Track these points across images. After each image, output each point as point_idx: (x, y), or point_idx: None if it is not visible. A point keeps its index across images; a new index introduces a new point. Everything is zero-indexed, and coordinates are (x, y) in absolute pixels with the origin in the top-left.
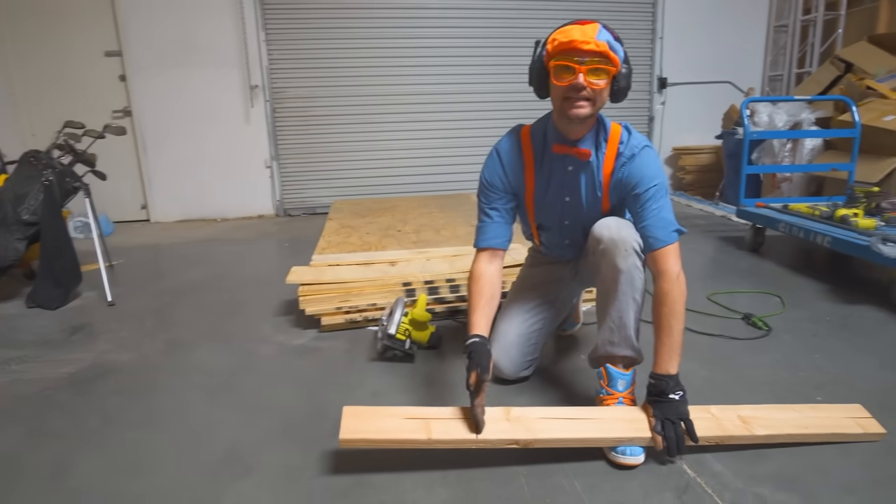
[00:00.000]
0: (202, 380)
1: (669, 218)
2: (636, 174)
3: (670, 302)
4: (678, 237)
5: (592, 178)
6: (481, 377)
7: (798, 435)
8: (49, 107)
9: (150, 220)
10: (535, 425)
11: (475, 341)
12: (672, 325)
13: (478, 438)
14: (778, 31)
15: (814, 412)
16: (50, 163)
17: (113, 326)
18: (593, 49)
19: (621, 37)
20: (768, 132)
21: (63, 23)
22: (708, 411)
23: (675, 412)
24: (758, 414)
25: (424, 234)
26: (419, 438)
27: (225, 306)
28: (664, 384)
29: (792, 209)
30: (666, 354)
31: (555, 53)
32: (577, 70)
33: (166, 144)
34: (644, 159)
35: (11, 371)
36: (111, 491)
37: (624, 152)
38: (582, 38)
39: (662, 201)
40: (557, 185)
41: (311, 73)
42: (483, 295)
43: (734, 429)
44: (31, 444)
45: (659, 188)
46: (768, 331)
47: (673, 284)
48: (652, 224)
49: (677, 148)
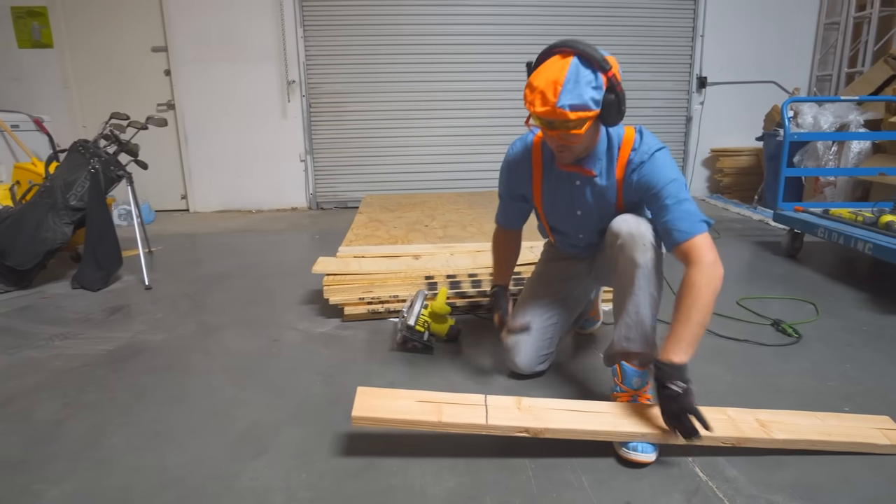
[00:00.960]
0: (229, 362)
1: (693, 209)
2: (650, 178)
3: (695, 290)
4: (707, 228)
5: (602, 190)
6: (502, 318)
7: (819, 442)
8: (99, 99)
9: (189, 209)
10: (546, 415)
11: (496, 290)
12: (691, 314)
13: (488, 424)
14: (828, 28)
15: (838, 420)
16: (96, 152)
17: (149, 308)
18: (554, 118)
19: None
20: (810, 134)
21: (114, 19)
22: (724, 413)
23: (679, 406)
24: (777, 418)
25: (451, 229)
26: (430, 420)
27: (254, 293)
28: (664, 372)
29: (833, 214)
30: (674, 341)
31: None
32: (549, 132)
33: (206, 137)
34: (656, 163)
35: (55, 346)
36: (138, 462)
37: (634, 159)
38: (542, 108)
39: (682, 195)
40: (567, 196)
41: (347, 69)
42: (501, 252)
43: (751, 431)
44: (70, 414)
45: (676, 184)
46: (798, 338)
47: (702, 273)
48: (675, 217)
49: (715, 149)
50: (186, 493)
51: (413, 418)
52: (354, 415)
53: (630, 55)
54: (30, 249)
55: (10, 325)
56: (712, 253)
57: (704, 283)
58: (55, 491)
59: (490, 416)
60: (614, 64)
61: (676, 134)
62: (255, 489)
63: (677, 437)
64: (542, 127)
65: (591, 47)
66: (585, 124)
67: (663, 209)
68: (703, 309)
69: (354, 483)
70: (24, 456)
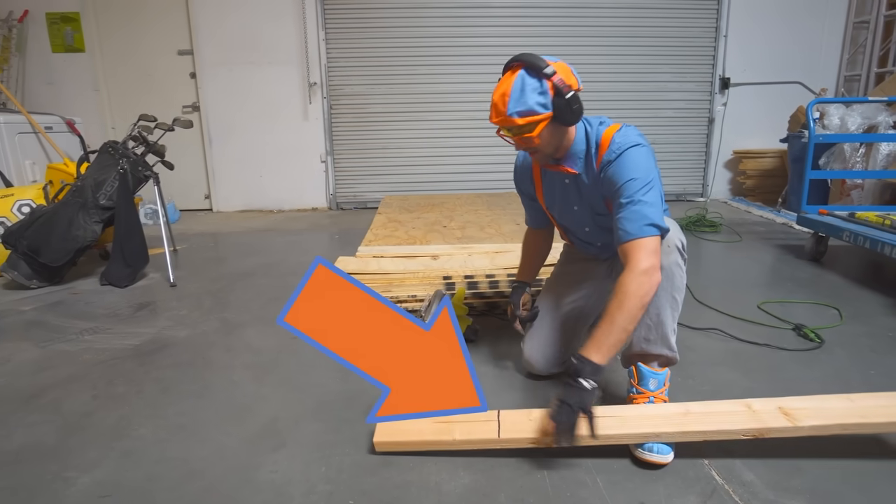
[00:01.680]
0: (250, 358)
1: (646, 213)
2: (613, 175)
3: (622, 295)
4: (656, 232)
5: (588, 188)
6: (514, 312)
7: (854, 425)
8: (127, 101)
9: (212, 209)
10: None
11: (515, 285)
12: (615, 317)
13: (500, 438)
14: (858, 27)
15: (872, 400)
16: (125, 153)
17: (174, 305)
18: (510, 126)
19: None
20: (836, 135)
21: (142, 23)
22: (744, 404)
23: (578, 399)
24: (803, 405)
25: (469, 230)
26: (445, 440)
27: (275, 291)
28: (579, 367)
29: (859, 217)
30: (596, 342)
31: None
32: (513, 139)
33: (230, 138)
34: (623, 160)
35: (85, 340)
36: (162, 453)
37: (605, 157)
38: (496, 116)
39: (638, 196)
40: (562, 195)
41: (367, 71)
42: (528, 250)
43: (774, 421)
44: (99, 405)
45: (637, 182)
46: (820, 343)
47: (632, 279)
48: (623, 217)
49: (738, 151)
50: (208, 484)
51: (429, 438)
52: (377, 440)
53: (651, 56)
54: (61, 247)
55: (43, 320)
56: (651, 259)
57: (633, 290)
58: (86, 479)
59: (502, 430)
60: (560, 68)
61: (698, 136)
62: (275, 481)
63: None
64: (507, 135)
65: (536, 57)
66: (538, 127)
67: (617, 207)
68: (628, 314)
69: (372, 478)
70: (56, 444)
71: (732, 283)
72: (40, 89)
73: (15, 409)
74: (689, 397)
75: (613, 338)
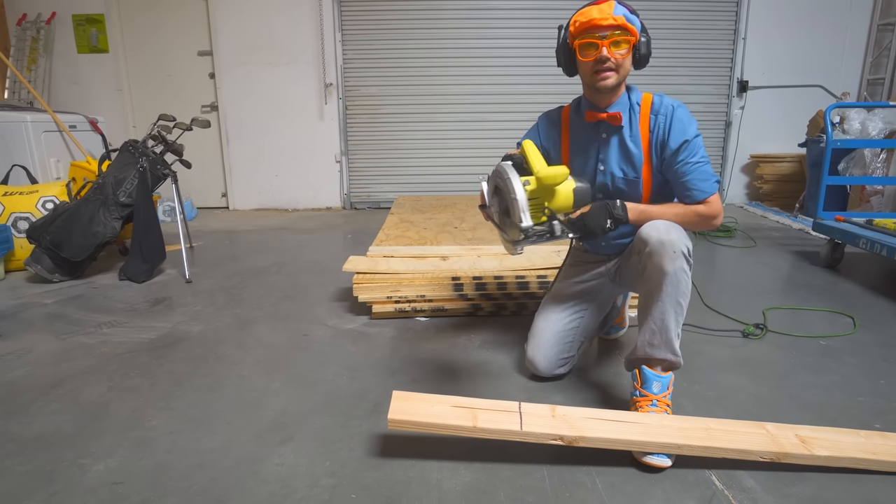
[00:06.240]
0: (261, 353)
1: (710, 171)
2: (672, 130)
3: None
4: (718, 187)
5: (626, 146)
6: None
7: (864, 461)
8: (148, 101)
9: (228, 207)
10: (581, 424)
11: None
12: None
13: (522, 431)
14: (882, 29)
15: (882, 439)
16: (145, 151)
17: (189, 301)
18: (612, 23)
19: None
20: (854, 140)
21: (164, 25)
22: (763, 427)
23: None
24: (818, 435)
25: (480, 231)
26: (465, 426)
27: (287, 289)
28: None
29: (876, 224)
30: (641, 205)
31: (577, 33)
32: (600, 45)
33: (247, 138)
34: (680, 119)
35: (103, 333)
36: (173, 443)
37: (659, 111)
38: (600, 15)
39: (701, 154)
40: (592, 149)
41: (382, 72)
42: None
43: (791, 447)
44: (115, 396)
45: (696, 143)
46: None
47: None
48: (696, 178)
49: (755, 155)
50: (217, 474)
51: (448, 423)
52: (391, 417)
53: (669, 58)
54: (82, 242)
55: (64, 313)
56: (720, 208)
57: (700, 214)
58: (100, 466)
59: (524, 423)
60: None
61: (715, 139)
62: (281, 473)
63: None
64: (592, 42)
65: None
66: (630, 42)
67: (683, 168)
68: (680, 217)
69: (374, 473)
70: (73, 432)
71: (743, 289)
72: (66, 89)
73: (36, 397)
74: (693, 402)
75: (653, 214)
